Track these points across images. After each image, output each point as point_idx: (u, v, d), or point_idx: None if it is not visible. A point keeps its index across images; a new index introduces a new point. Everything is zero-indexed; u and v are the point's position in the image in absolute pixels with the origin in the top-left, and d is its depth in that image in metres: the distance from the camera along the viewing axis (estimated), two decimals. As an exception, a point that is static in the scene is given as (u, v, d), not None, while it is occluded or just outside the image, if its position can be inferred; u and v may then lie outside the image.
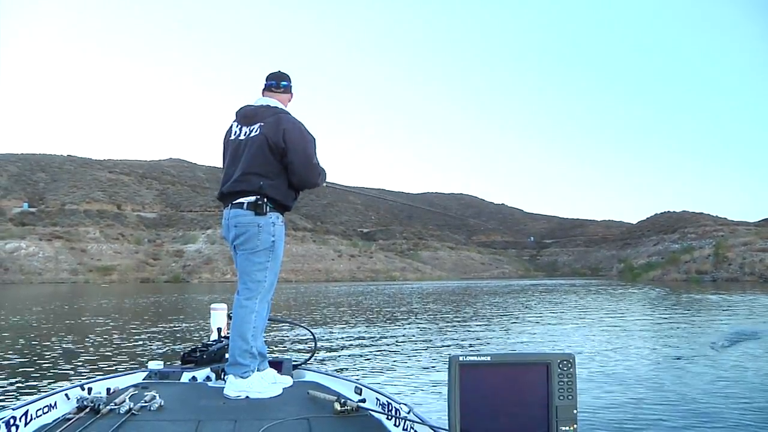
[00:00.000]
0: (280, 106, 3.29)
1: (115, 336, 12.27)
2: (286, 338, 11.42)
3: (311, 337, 3.94)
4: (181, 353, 3.68)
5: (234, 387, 2.93)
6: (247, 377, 2.96)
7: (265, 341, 3.26)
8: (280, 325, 13.27)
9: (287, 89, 3.38)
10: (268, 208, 3.10)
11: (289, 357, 3.61)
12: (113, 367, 7.99)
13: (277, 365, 3.35)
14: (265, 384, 3.01)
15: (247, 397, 2.89)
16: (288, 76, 3.41)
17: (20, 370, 8.06)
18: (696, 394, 6.07)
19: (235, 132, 3.26)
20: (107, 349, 10.21)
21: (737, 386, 6.46)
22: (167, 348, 10.30)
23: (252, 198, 3.10)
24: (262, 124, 3.14)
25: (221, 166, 3.36)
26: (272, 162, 3.11)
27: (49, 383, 6.83)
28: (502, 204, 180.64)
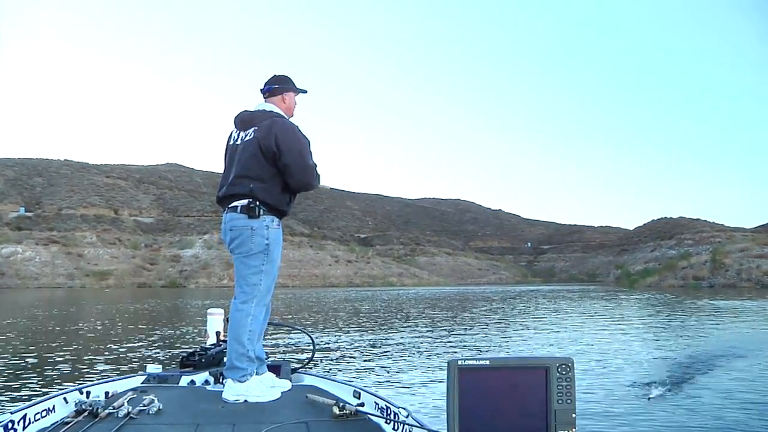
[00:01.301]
0: (276, 110, 3.29)
1: (113, 340, 12.23)
2: (284, 342, 11.40)
3: (309, 341, 3.94)
4: (180, 357, 3.68)
5: (232, 391, 2.93)
6: (246, 381, 2.96)
7: (264, 345, 3.26)
8: (279, 329, 13.23)
9: (274, 91, 3.35)
10: (261, 211, 3.10)
11: (287, 361, 3.61)
12: (112, 371, 7.96)
13: (275, 369, 3.34)
14: (264, 388, 3.01)
15: (246, 400, 2.89)
16: (277, 78, 3.38)
17: (18, 374, 8.03)
18: (693, 406, 6.08)
19: (234, 137, 3.30)
20: (105, 353, 10.18)
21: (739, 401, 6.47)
22: (165, 352, 10.27)
23: (245, 201, 3.12)
24: (256, 128, 3.17)
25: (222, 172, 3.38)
26: (265, 166, 3.13)
27: (48, 387, 6.80)
28: (499, 210, 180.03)
